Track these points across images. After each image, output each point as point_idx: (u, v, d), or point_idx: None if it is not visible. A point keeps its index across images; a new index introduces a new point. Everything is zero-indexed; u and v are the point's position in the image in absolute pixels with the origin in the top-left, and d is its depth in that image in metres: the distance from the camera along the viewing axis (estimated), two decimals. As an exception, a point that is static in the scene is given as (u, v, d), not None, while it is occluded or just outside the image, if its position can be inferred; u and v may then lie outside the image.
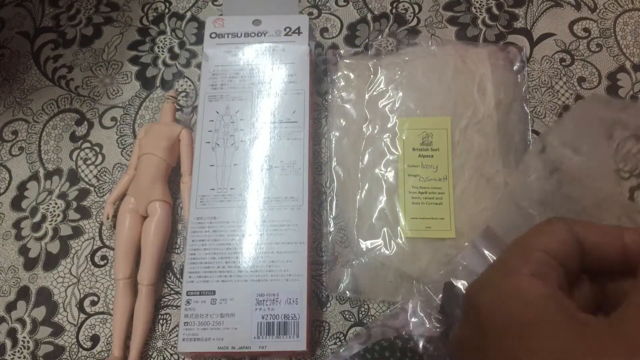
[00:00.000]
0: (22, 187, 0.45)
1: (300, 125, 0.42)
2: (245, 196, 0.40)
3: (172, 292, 0.41)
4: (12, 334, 0.40)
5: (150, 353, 0.39)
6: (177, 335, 0.37)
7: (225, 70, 0.44)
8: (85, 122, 0.47)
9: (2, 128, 0.47)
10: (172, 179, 0.43)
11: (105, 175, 0.45)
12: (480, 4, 0.49)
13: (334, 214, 0.42)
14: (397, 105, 0.42)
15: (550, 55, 0.47)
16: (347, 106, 0.44)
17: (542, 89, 0.46)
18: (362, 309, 0.40)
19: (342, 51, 0.47)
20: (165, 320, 0.40)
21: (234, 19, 0.45)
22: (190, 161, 0.42)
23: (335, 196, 0.43)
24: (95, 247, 0.43)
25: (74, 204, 0.44)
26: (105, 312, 0.41)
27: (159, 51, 0.50)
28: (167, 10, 0.51)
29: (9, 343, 0.40)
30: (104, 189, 0.45)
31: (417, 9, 0.49)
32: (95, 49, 0.50)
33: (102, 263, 0.42)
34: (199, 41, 0.49)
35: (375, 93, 0.43)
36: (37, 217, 0.44)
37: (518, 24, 0.48)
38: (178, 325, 0.38)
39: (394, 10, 0.49)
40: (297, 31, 0.44)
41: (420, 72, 0.43)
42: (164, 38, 0.50)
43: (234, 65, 0.44)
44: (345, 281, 0.39)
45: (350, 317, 0.40)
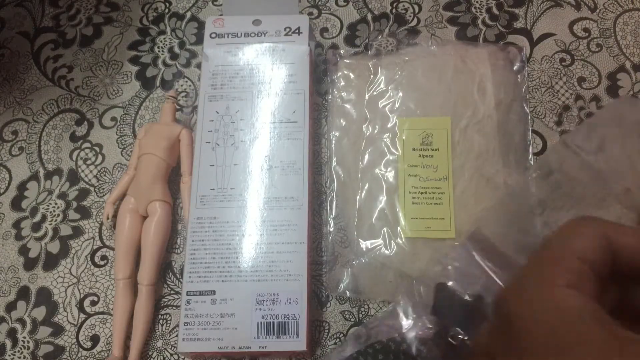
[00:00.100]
0: (22, 187, 0.45)
1: (300, 125, 0.42)
2: (245, 196, 0.40)
3: (172, 292, 0.41)
4: (12, 334, 0.40)
5: (150, 353, 0.39)
6: (177, 335, 0.37)
7: (225, 70, 0.44)
8: (85, 122, 0.47)
9: (2, 128, 0.47)
10: (172, 179, 0.43)
11: (105, 175, 0.45)
12: (480, 4, 0.49)
13: (334, 214, 0.42)
14: (397, 105, 0.42)
15: (550, 55, 0.47)
16: (347, 106, 0.44)
17: (542, 89, 0.46)
18: (362, 309, 0.40)
19: (342, 51, 0.47)
20: (165, 320, 0.40)
21: (234, 19, 0.45)
22: (190, 161, 0.42)
23: (335, 196, 0.43)
24: (95, 247, 0.43)
25: (74, 204, 0.44)
26: (105, 312, 0.41)
27: (159, 51, 0.50)
28: (167, 10, 0.51)
29: (9, 343, 0.40)
30: (104, 189, 0.45)
31: (417, 9, 0.49)
32: (95, 49, 0.50)
33: (102, 263, 0.42)
34: (199, 41, 0.49)
35: (375, 93, 0.43)
36: (37, 217, 0.44)
37: (518, 24, 0.48)
38: (178, 325, 0.38)
39: (394, 10, 0.49)
40: (297, 31, 0.44)
41: (420, 72, 0.43)
42: (164, 38, 0.50)
43: (234, 65, 0.44)
44: (345, 281, 0.39)
45: (350, 317, 0.40)
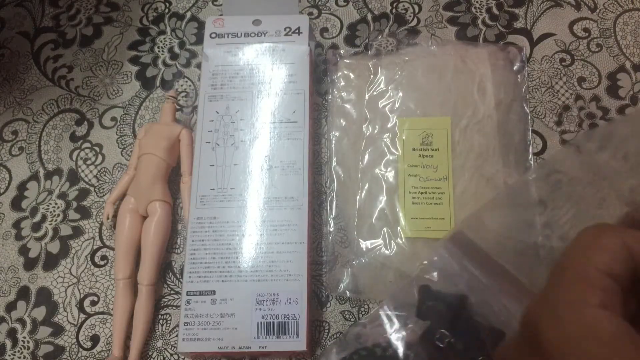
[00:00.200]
0: (22, 187, 0.45)
1: (300, 125, 0.42)
2: (245, 196, 0.40)
3: (172, 292, 0.41)
4: (12, 334, 0.40)
5: (150, 353, 0.39)
6: (177, 335, 0.37)
7: (225, 70, 0.44)
8: (85, 122, 0.47)
9: (2, 128, 0.47)
10: (172, 179, 0.43)
11: (105, 175, 0.45)
12: (480, 4, 0.49)
13: (334, 214, 0.42)
14: (397, 105, 0.42)
15: (550, 55, 0.47)
16: (347, 106, 0.44)
17: (542, 89, 0.46)
18: (362, 309, 0.40)
19: (342, 51, 0.47)
20: (165, 320, 0.40)
21: (234, 19, 0.45)
22: (190, 161, 0.42)
23: (335, 196, 0.43)
24: (95, 247, 0.43)
25: (74, 204, 0.44)
26: (105, 312, 0.41)
27: (159, 51, 0.50)
28: (167, 10, 0.51)
29: (9, 343, 0.40)
30: (104, 189, 0.45)
31: (417, 9, 0.49)
32: (95, 49, 0.50)
33: (102, 263, 0.42)
34: (199, 41, 0.49)
35: (375, 93, 0.43)
36: (37, 217, 0.44)
37: (518, 24, 0.48)
38: (178, 325, 0.38)
39: (394, 10, 0.49)
40: (297, 31, 0.44)
41: (420, 72, 0.43)
42: (164, 38, 0.50)
43: (234, 65, 0.44)
44: (345, 281, 0.39)
45: (350, 317, 0.40)
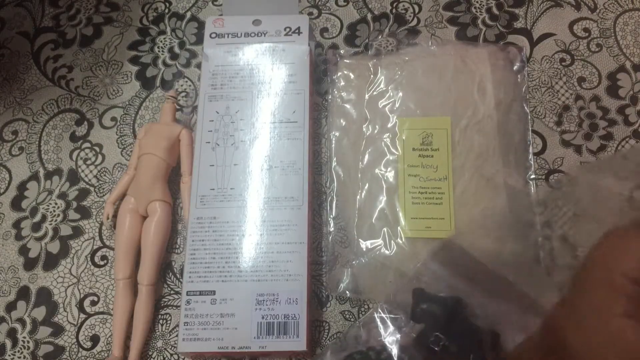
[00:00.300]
0: (22, 187, 0.45)
1: (300, 125, 0.42)
2: (245, 196, 0.40)
3: (172, 292, 0.41)
4: (12, 334, 0.40)
5: (150, 353, 0.39)
6: (177, 335, 0.37)
7: (225, 70, 0.44)
8: (85, 122, 0.47)
9: (2, 128, 0.47)
10: (172, 179, 0.44)
11: (105, 175, 0.45)
12: (480, 4, 0.49)
13: (334, 214, 0.42)
14: (397, 105, 0.42)
15: (550, 55, 0.47)
16: (347, 106, 0.44)
17: (542, 89, 0.46)
18: (362, 309, 0.40)
19: (342, 51, 0.47)
20: (165, 320, 0.40)
21: (234, 19, 0.45)
22: (190, 161, 0.42)
23: (335, 196, 0.43)
24: (95, 247, 0.43)
25: (74, 204, 0.44)
26: (105, 312, 0.41)
27: (159, 51, 0.50)
28: (167, 10, 0.51)
29: (9, 343, 0.40)
30: (104, 189, 0.45)
31: (417, 9, 0.49)
32: (95, 49, 0.50)
33: (102, 263, 0.42)
34: (199, 41, 0.49)
35: (375, 93, 0.43)
36: (37, 217, 0.44)
37: (518, 24, 0.48)
38: (178, 325, 0.38)
39: (394, 10, 0.49)
40: (297, 31, 0.44)
41: (420, 72, 0.43)
42: (164, 38, 0.50)
43: (234, 65, 0.44)
44: (345, 281, 0.39)
45: (350, 317, 0.40)
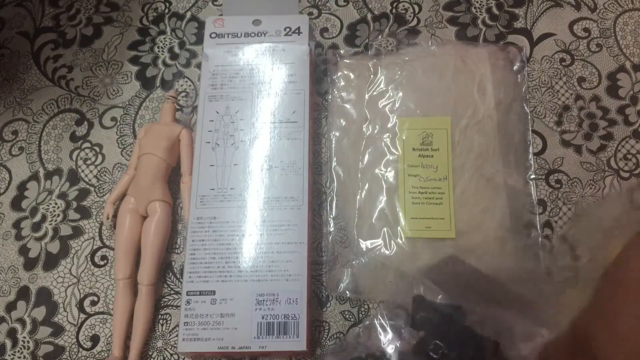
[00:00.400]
0: (22, 187, 0.45)
1: (300, 125, 0.42)
2: (245, 196, 0.40)
3: (172, 292, 0.41)
4: (12, 334, 0.40)
5: (150, 353, 0.39)
6: (177, 335, 0.37)
7: (225, 70, 0.44)
8: (85, 122, 0.47)
9: (2, 128, 0.47)
10: (172, 179, 0.43)
11: (105, 175, 0.45)
12: (480, 4, 0.49)
13: (334, 214, 0.42)
14: (397, 105, 0.42)
15: (550, 55, 0.47)
16: (347, 106, 0.44)
17: (542, 89, 0.46)
18: (362, 309, 0.40)
19: (342, 51, 0.47)
20: (165, 320, 0.40)
21: (234, 19, 0.45)
22: (190, 161, 0.42)
23: (335, 196, 0.43)
24: (95, 247, 0.43)
25: (74, 204, 0.44)
26: (105, 312, 0.41)
27: (159, 51, 0.50)
28: (167, 10, 0.51)
29: (9, 343, 0.40)
30: (104, 189, 0.45)
31: (417, 9, 0.49)
32: (95, 49, 0.50)
33: (102, 263, 0.42)
34: (199, 41, 0.49)
35: (375, 93, 0.43)
36: (37, 217, 0.44)
37: (518, 24, 0.48)
38: (178, 325, 0.38)
39: (394, 10, 0.49)
40: (297, 31, 0.44)
41: (420, 72, 0.43)
42: (164, 38, 0.50)
43: (234, 65, 0.44)
44: (345, 281, 0.39)
45: (350, 317, 0.40)
